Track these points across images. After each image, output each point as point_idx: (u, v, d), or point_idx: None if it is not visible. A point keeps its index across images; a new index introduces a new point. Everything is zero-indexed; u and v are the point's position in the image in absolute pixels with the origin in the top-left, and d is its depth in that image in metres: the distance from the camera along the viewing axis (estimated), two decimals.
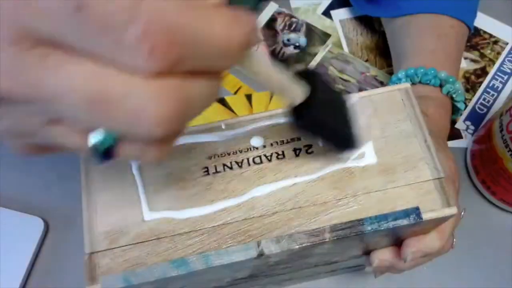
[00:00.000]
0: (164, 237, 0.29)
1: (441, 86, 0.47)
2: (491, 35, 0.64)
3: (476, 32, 0.64)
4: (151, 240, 0.29)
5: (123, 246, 0.28)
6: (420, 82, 0.47)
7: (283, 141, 0.31)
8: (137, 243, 0.29)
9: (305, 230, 0.28)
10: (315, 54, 0.62)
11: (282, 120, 0.31)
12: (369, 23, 0.64)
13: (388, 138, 0.31)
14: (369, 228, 0.28)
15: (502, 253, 0.50)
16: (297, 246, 0.28)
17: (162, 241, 0.28)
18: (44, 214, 0.51)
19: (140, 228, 0.29)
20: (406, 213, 0.28)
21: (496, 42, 0.63)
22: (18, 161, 0.54)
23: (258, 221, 0.28)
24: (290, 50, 0.62)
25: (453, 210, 0.28)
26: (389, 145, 0.30)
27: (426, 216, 0.28)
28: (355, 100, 0.32)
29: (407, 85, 0.32)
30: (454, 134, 0.56)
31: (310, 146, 0.31)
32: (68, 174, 0.39)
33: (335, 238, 0.28)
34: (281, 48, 0.63)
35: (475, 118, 0.58)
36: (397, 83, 0.45)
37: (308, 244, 0.28)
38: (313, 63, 0.61)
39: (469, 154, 0.54)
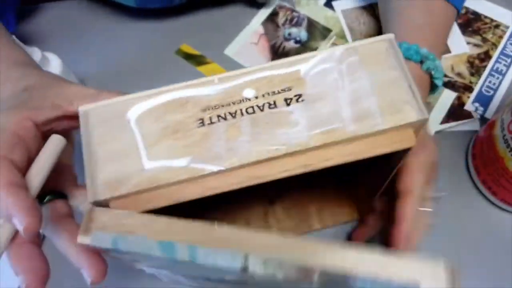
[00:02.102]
0: (165, 183, 0.29)
1: (421, 62, 0.47)
2: (492, 20, 0.64)
3: (477, 17, 0.64)
4: (151, 189, 0.29)
5: (123, 195, 0.29)
6: None
7: (274, 91, 0.32)
8: (138, 191, 0.29)
9: (295, 263, 0.27)
10: (315, 49, 0.62)
11: (273, 72, 0.32)
12: (371, 12, 0.64)
13: (375, 85, 0.31)
14: (359, 287, 0.26)
15: (503, 253, 0.49)
16: (281, 276, 0.27)
17: (160, 219, 0.28)
18: None
19: (140, 176, 0.29)
20: None
21: (497, 26, 0.64)
22: None
23: (253, 236, 0.27)
24: (290, 44, 0.63)
25: None
26: (376, 91, 0.31)
27: None
28: (341, 52, 0.32)
29: (391, 35, 0.33)
30: (465, 115, 0.57)
31: (300, 95, 0.31)
32: None
33: (323, 283, 0.27)
34: (282, 43, 0.62)
35: (483, 100, 0.58)
36: None
37: (293, 277, 0.27)
38: None
39: (470, 154, 0.53)
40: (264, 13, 0.65)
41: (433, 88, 0.49)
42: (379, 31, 0.62)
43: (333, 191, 0.51)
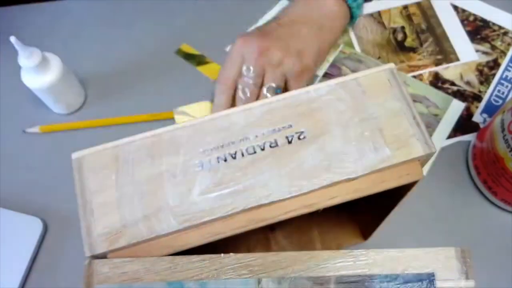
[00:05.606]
0: (166, 232, 0.28)
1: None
2: (500, 27, 0.63)
3: (485, 24, 0.64)
4: (152, 239, 0.28)
5: (123, 247, 0.28)
6: None
7: (274, 129, 0.31)
8: (137, 242, 0.28)
9: (310, 276, 0.27)
10: None
11: (273, 108, 0.31)
12: (378, 19, 0.64)
13: (379, 118, 0.31)
14: (377, 286, 0.27)
15: (503, 253, 0.49)
16: None
17: (163, 260, 0.27)
18: (43, 215, 0.51)
19: (138, 226, 0.28)
20: (419, 278, 0.27)
21: (505, 33, 0.63)
22: (17, 161, 0.55)
23: (262, 257, 0.27)
24: None
25: (470, 284, 0.28)
26: (381, 124, 0.31)
27: (440, 284, 0.27)
28: (343, 84, 0.32)
29: (392, 65, 0.33)
30: (472, 127, 0.56)
31: (301, 132, 0.31)
32: (67, 175, 0.39)
33: None
34: None
35: (492, 110, 0.57)
36: None
37: None
38: (326, 64, 0.61)
39: (470, 154, 0.53)
40: (271, 14, 0.64)
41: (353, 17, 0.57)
42: (387, 40, 0.62)
43: (336, 213, 0.49)
